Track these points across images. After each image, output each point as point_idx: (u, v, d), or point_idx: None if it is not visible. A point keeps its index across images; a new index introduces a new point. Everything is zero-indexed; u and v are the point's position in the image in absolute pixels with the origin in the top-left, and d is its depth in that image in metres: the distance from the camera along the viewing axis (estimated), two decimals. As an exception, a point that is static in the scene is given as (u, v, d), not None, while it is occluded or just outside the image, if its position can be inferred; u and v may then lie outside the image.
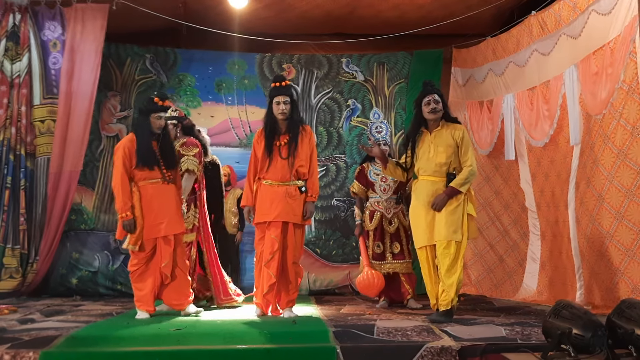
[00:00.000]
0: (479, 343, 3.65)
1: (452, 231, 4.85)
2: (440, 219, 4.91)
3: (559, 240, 6.51)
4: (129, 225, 5.20)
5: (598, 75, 5.55)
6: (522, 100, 7.01)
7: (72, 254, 7.66)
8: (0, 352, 3.49)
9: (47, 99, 7.14)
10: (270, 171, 5.23)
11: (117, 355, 3.66)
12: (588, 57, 5.78)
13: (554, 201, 6.59)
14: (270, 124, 5.29)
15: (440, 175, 5.02)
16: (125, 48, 8.24)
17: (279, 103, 5.22)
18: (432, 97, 5.07)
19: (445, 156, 4.99)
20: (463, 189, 4.92)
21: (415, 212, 5.13)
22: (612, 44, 5.39)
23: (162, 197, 5.32)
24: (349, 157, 8.38)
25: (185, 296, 5.39)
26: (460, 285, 4.91)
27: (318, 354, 3.67)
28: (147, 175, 5.31)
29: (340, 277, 8.09)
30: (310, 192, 5.30)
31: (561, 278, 6.45)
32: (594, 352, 3.22)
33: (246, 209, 5.37)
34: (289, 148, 5.21)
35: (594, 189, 5.58)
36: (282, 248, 5.18)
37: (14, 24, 7.06)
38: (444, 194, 4.93)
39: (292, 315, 5.14)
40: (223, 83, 8.46)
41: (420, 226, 5.06)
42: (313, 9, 7.80)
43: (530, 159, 7.07)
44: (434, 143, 5.06)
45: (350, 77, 8.54)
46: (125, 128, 8.14)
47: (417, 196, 5.12)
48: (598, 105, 5.53)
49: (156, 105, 5.37)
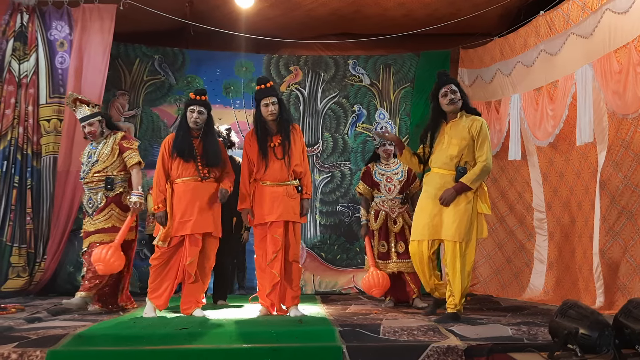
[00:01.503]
0: (486, 343, 3.63)
1: (461, 231, 4.70)
2: (449, 217, 4.76)
3: (573, 241, 6.48)
4: (160, 218, 5.33)
5: (622, 74, 5.46)
6: (528, 100, 7.00)
7: (80, 253, 7.68)
8: (7, 351, 3.50)
9: (53, 98, 7.15)
10: (268, 172, 5.25)
11: (124, 354, 3.67)
12: (608, 56, 5.69)
13: (571, 200, 6.55)
14: (260, 126, 5.31)
15: (450, 168, 4.84)
16: (134, 48, 8.29)
17: (267, 105, 5.24)
18: (449, 88, 4.88)
19: (457, 149, 4.81)
20: (474, 185, 4.74)
21: (421, 203, 4.99)
22: (637, 42, 5.31)
23: (193, 194, 5.30)
24: (354, 164, 8.41)
25: (195, 302, 5.38)
26: (467, 289, 4.85)
27: (324, 353, 3.66)
28: (183, 171, 5.34)
29: (344, 280, 8.18)
30: (305, 189, 5.36)
31: (572, 278, 6.43)
32: (601, 352, 3.21)
33: (244, 212, 5.38)
34: (283, 148, 5.24)
35: (634, 186, 5.47)
36: (284, 247, 5.21)
37: (21, 24, 7.09)
38: (452, 189, 4.76)
39: (298, 314, 5.14)
40: (231, 86, 8.49)
41: (422, 219, 4.91)
42: (319, 7, 7.80)
43: (541, 159, 7.06)
44: (449, 134, 4.88)
45: (356, 80, 8.56)
46: (133, 127, 8.18)
47: (426, 188, 4.99)
48: (628, 104, 5.42)
49: (190, 99, 5.44)
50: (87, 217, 5.64)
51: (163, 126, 8.25)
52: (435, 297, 5.11)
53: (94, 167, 5.60)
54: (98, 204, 5.56)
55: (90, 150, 5.73)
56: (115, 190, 5.59)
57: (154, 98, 8.31)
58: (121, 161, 5.64)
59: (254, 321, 4.83)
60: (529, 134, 6.97)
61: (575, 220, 6.50)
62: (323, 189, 8.38)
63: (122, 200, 5.61)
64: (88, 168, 5.63)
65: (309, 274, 8.10)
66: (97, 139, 5.71)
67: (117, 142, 5.66)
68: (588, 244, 6.10)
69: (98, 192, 5.58)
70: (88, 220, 5.62)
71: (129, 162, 5.61)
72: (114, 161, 5.61)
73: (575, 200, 6.50)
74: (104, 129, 5.75)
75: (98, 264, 5.24)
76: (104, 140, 5.70)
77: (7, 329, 4.30)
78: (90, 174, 5.60)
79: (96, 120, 5.68)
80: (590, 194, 6.19)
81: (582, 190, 6.38)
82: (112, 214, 5.56)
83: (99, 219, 5.54)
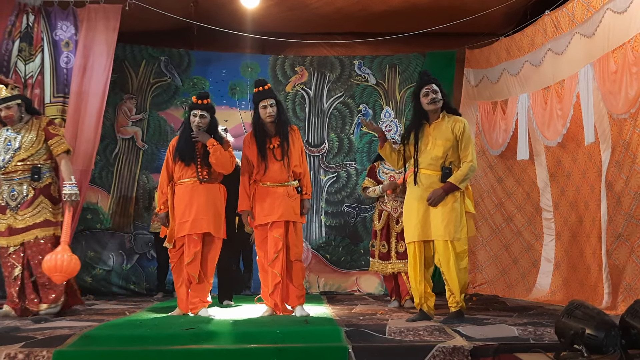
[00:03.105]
0: (492, 343, 3.63)
1: (451, 230, 4.70)
2: (437, 217, 4.75)
3: (581, 240, 6.47)
4: (162, 219, 5.42)
5: (617, 74, 5.48)
6: (537, 99, 6.98)
7: (87, 253, 7.75)
8: (14, 351, 3.51)
9: (57, 97, 7.15)
10: (267, 174, 5.29)
11: (130, 354, 3.67)
12: (607, 56, 5.70)
13: (578, 200, 6.54)
14: (259, 128, 5.36)
15: (435, 169, 4.82)
16: (140, 50, 8.31)
17: (265, 107, 5.28)
18: (430, 88, 4.87)
19: (442, 150, 4.80)
20: (462, 185, 4.75)
21: (407, 205, 4.97)
22: (633, 42, 5.31)
23: (192, 196, 5.32)
24: (360, 164, 8.41)
25: (201, 301, 5.37)
26: (466, 286, 4.85)
27: (330, 354, 3.66)
28: (183, 173, 5.37)
29: (348, 282, 8.22)
30: (305, 189, 5.41)
31: (579, 278, 6.41)
32: (607, 353, 3.20)
33: (245, 213, 5.39)
34: (282, 150, 5.29)
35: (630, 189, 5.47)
36: (285, 247, 5.24)
37: (27, 25, 7.09)
38: (441, 190, 4.74)
39: (304, 314, 5.17)
40: (237, 87, 8.50)
41: (411, 221, 4.88)
42: (324, 5, 7.78)
43: (549, 158, 7.05)
44: (432, 135, 4.86)
45: (362, 80, 8.56)
46: (140, 131, 8.20)
47: (412, 189, 4.96)
48: (621, 105, 5.44)
49: (192, 103, 5.45)
50: (9, 212, 5.22)
51: (170, 130, 8.26)
52: (422, 310, 4.88)
53: (17, 156, 5.20)
54: (24, 197, 5.20)
55: (8, 136, 5.32)
56: (43, 181, 5.27)
57: (161, 101, 8.33)
58: (47, 149, 5.31)
59: (260, 321, 4.84)
60: (537, 133, 6.95)
61: (582, 220, 6.48)
62: (328, 189, 8.38)
63: (52, 192, 5.34)
64: (9, 156, 5.22)
65: (314, 275, 8.12)
66: (15, 124, 5.33)
67: (43, 127, 5.34)
68: (597, 244, 6.08)
69: (23, 183, 5.22)
70: (11, 216, 5.21)
71: (57, 150, 5.31)
72: (39, 149, 5.27)
73: (582, 200, 6.48)
74: (22, 114, 5.36)
75: (55, 275, 4.91)
76: (25, 125, 5.33)
77: (13, 329, 4.32)
78: (12, 164, 5.21)
79: (15, 103, 5.29)
80: (595, 194, 6.17)
81: (589, 189, 6.36)
82: (43, 207, 5.23)
83: (27, 213, 5.19)
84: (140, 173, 8.11)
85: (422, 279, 4.85)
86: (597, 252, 6.07)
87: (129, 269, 7.86)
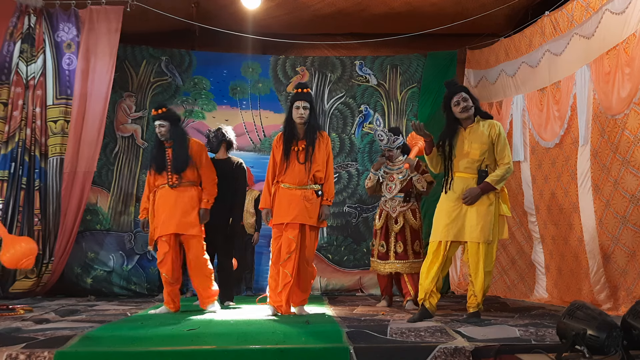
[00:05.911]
0: (493, 344, 3.62)
1: (486, 233, 4.76)
2: (472, 219, 4.80)
3: (560, 244, 6.47)
4: (142, 224, 5.88)
5: (610, 75, 5.50)
6: (532, 101, 6.98)
7: (88, 254, 7.75)
8: (15, 352, 3.51)
9: (60, 99, 7.17)
10: (288, 175, 5.36)
11: (131, 355, 3.67)
12: (601, 57, 5.73)
13: (553, 204, 6.56)
14: (289, 129, 5.44)
15: (472, 172, 4.89)
16: (141, 50, 8.31)
17: (298, 107, 5.36)
18: (460, 96, 4.90)
19: (479, 153, 4.86)
20: (498, 186, 4.81)
21: (441, 206, 4.99)
22: (626, 43, 5.33)
23: (164, 201, 5.66)
24: (361, 165, 8.42)
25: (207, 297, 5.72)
26: (488, 289, 4.90)
27: (331, 354, 3.66)
28: (160, 180, 5.70)
29: (351, 282, 8.22)
30: (326, 195, 5.45)
31: (565, 281, 6.40)
32: (609, 353, 3.19)
33: (264, 211, 5.49)
34: (306, 153, 5.34)
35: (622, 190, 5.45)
36: (299, 249, 5.27)
37: (29, 26, 7.11)
38: (478, 189, 4.80)
39: (303, 313, 5.23)
40: (238, 87, 8.50)
41: (442, 221, 4.90)
42: (325, 7, 7.80)
43: (532, 161, 7.04)
44: (468, 139, 4.91)
45: (363, 80, 8.55)
46: (140, 128, 8.20)
47: (446, 194, 4.98)
48: (615, 105, 5.47)
49: (152, 115, 5.75)
50: None
51: (169, 128, 8.23)
52: (424, 306, 4.88)
53: None
54: None
55: None
56: None
57: (161, 100, 8.28)
58: None
59: (261, 322, 4.84)
60: (534, 134, 6.94)
61: (559, 223, 6.49)
62: (330, 189, 8.36)
63: None
64: None
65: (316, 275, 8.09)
66: None
67: None
68: (578, 247, 6.08)
69: None
70: None
71: None
72: None
73: (557, 204, 6.50)
74: None
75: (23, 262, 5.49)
76: None
77: (15, 329, 4.32)
78: None
79: None
80: (570, 197, 6.18)
81: (562, 193, 6.39)
82: None
83: None
84: (141, 172, 8.10)
85: (434, 277, 4.85)
86: (580, 255, 6.06)
87: (129, 269, 7.86)
